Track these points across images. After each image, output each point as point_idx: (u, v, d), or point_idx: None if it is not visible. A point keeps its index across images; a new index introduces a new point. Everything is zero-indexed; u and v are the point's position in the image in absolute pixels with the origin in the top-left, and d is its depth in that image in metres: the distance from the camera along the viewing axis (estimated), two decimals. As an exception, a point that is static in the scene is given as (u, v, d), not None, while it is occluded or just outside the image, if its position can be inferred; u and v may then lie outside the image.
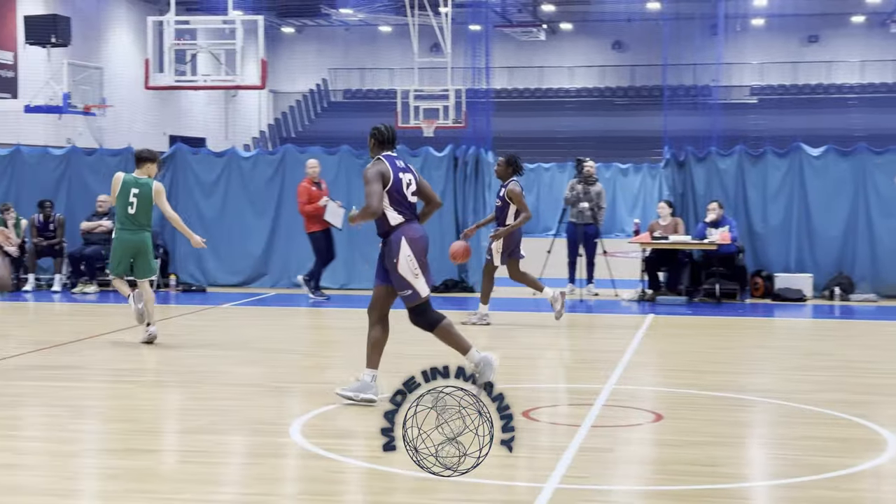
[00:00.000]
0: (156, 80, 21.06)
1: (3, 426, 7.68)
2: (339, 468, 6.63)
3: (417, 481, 6.27)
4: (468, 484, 6.20)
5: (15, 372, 9.87)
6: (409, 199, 8.20)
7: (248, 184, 17.14)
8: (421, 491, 6.09)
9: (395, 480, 6.32)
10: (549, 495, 5.98)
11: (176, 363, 10.39)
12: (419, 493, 6.07)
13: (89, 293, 15.99)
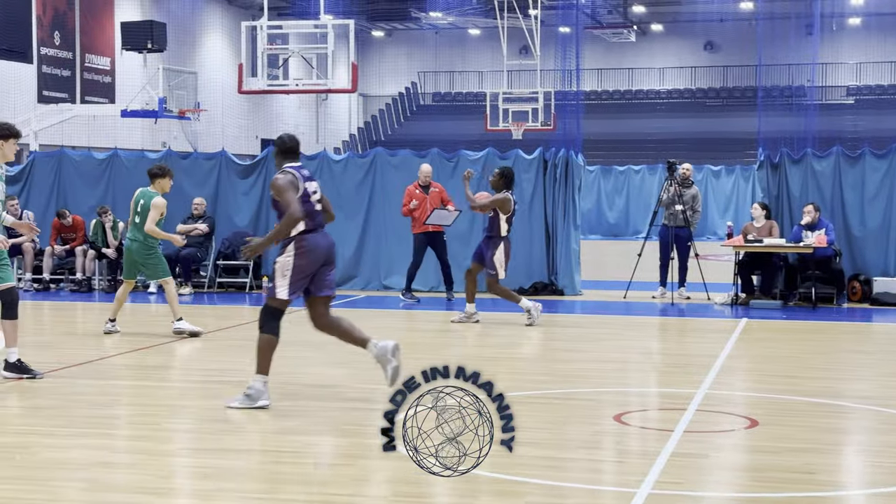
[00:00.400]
0: (249, 84, 21.38)
1: (101, 425, 7.83)
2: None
3: (505, 484, 6.25)
4: (557, 487, 6.16)
5: (112, 371, 10.07)
6: (315, 208, 8.40)
7: (338, 186, 17.26)
8: (507, 494, 6.07)
9: (481, 482, 6.31)
10: (642, 501, 5.91)
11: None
12: (506, 497, 6.05)
13: (184, 294, 16.25)
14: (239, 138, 40.35)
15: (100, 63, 34.61)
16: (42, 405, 8.43)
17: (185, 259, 16.44)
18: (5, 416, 8.02)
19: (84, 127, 30.54)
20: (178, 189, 17.40)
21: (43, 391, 8.98)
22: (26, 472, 6.47)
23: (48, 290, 16.68)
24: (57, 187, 17.79)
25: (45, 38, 32.17)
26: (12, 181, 17.90)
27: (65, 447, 7.11)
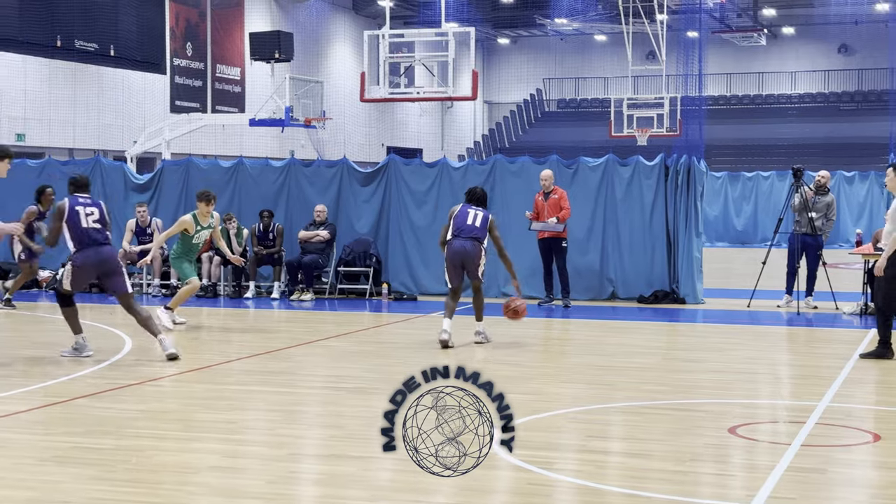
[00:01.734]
0: (371, 92, 21.59)
1: (220, 429, 7.95)
2: (539, 481, 6.56)
3: (620, 497, 6.15)
4: (664, 500, 6.03)
5: (233, 376, 10.24)
6: (86, 229, 10.67)
7: (458, 193, 17.23)
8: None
9: (595, 495, 6.21)
10: (753, 516, 5.75)
11: (384, 371, 10.55)
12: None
13: (305, 301, 16.47)
14: (364, 146, 40.80)
15: (230, 73, 35.41)
16: (160, 409, 8.61)
17: (306, 265, 16.66)
18: (123, 419, 8.21)
19: (213, 136, 31.24)
20: (300, 196, 17.70)
21: (162, 395, 9.18)
22: (140, 475, 6.61)
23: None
24: (185, 195, 18.20)
25: (178, 49, 33.05)
26: (142, 189, 18.42)
27: (180, 451, 7.24)
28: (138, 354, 11.36)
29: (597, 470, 6.87)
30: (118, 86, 30.81)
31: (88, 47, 29.34)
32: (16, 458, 7.04)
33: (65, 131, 28.77)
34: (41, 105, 28.08)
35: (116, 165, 19.08)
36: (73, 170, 18.88)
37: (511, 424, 5.05)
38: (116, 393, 9.17)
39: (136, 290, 17.34)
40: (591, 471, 6.84)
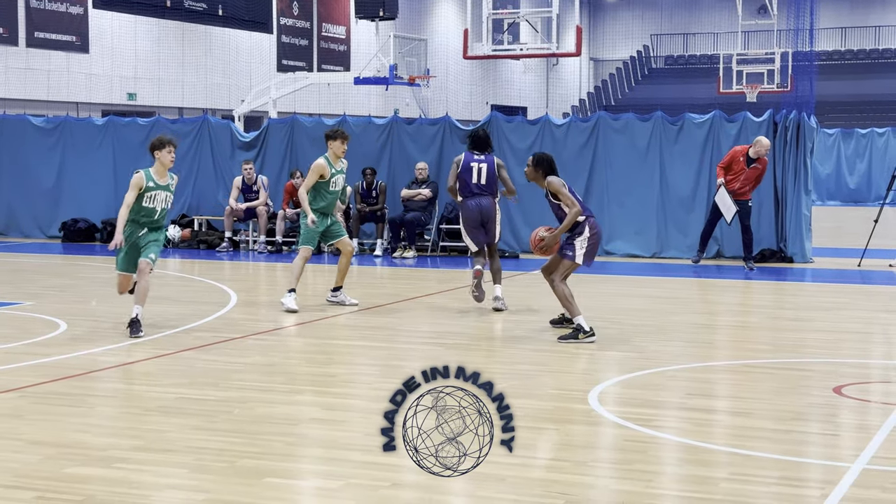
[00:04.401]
0: (474, 49, 21.50)
1: (321, 382, 8.06)
2: (637, 437, 6.51)
3: (720, 455, 6.08)
4: (765, 459, 5.94)
5: (335, 331, 10.36)
6: None
7: (560, 151, 17.11)
8: (710, 465, 5.90)
9: (694, 452, 6.15)
10: (856, 475, 5.63)
11: (483, 327, 10.57)
12: (706, 466, 5.88)
13: (408, 258, 16.56)
14: (468, 104, 40.71)
15: (335, 32, 35.59)
16: (263, 362, 8.75)
17: (409, 223, 16.73)
18: (227, 371, 8.37)
19: (318, 94, 31.48)
20: (403, 154, 17.75)
21: (265, 349, 9.33)
22: (240, 425, 6.73)
23: (280, 252, 17.30)
24: (289, 153, 18.40)
25: (285, 8, 33.31)
26: (248, 147, 18.67)
27: (281, 403, 7.36)
28: (243, 309, 11.55)
29: (696, 428, 6.79)
30: (226, 45, 31.20)
31: (197, 7, 29.74)
32: (124, 408, 7.23)
33: (174, 91, 29.27)
34: (151, 65, 28.59)
35: (223, 124, 19.35)
36: (181, 128, 19.24)
37: (511, 424, 5.02)
38: (222, 346, 9.35)
39: (243, 247, 17.68)
40: (690, 428, 6.77)
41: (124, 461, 5.88)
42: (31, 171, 19.83)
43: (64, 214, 19.42)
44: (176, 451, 6.11)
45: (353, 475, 5.73)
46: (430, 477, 5.78)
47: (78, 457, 5.98)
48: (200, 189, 18.86)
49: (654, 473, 5.87)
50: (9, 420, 6.82)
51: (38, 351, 8.95)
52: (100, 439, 6.33)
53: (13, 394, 7.49)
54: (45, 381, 7.87)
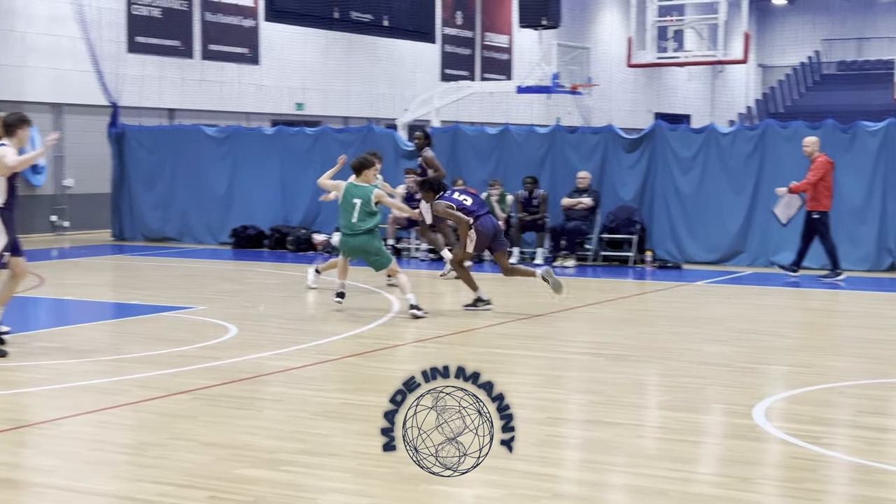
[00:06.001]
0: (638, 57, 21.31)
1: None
2: (805, 455, 6.34)
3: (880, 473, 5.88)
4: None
5: (494, 339, 10.40)
6: None
7: (726, 160, 16.85)
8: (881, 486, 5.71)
9: (866, 472, 5.96)
10: None
11: (645, 338, 10.46)
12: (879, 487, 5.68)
13: (568, 267, 16.50)
14: (631, 112, 40.32)
15: (498, 41, 35.75)
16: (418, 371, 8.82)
17: (570, 232, 16.68)
18: (390, 378, 8.47)
19: (480, 103, 31.64)
20: (564, 163, 17.70)
21: (427, 356, 9.43)
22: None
23: (441, 260, 17.41)
24: (452, 162, 18.56)
25: (448, 18, 33.63)
26: (411, 156, 18.90)
27: (442, 410, 7.42)
28: (404, 317, 11.70)
29: (869, 447, 6.57)
30: (391, 55, 31.67)
31: (363, 18, 30.29)
32: (291, 412, 7.41)
33: (340, 100, 29.86)
34: (319, 75, 29.23)
35: (387, 133, 19.65)
36: (346, 137, 19.63)
37: (511, 424, 5.00)
38: (385, 353, 9.49)
39: (405, 255, 17.91)
40: (862, 447, 6.56)
41: (291, 464, 6.03)
42: (204, 179, 20.51)
43: (234, 221, 20.01)
44: (340, 456, 6.23)
45: (514, 485, 5.74)
46: (591, 489, 5.76)
47: (247, 458, 6.16)
48: (365, 197, 19.17)
49: (825, 493, 5.72)
50: (183, 421, 7.08)
51: (210, 354, 9.25)
52: (268, 442, 6.51)
53: (187, 395, 7.77)
54: (217, 384, 8.13)
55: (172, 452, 6.29)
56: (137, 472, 5.94)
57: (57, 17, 22.12)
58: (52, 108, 22.32)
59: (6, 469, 5.95)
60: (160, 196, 20.92)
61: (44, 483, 5.75)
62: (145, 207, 21.07)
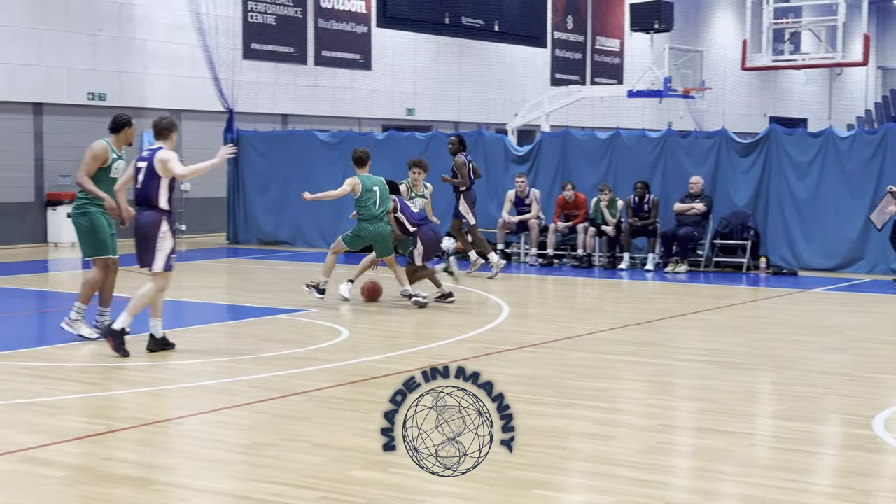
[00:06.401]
0: (753, 60, 20.99)
1: (592, 397, 8.05)
2: (922, 468, 6.18)
3: None
4: None
5: (604, 346, 10.33)
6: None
7: (844, 165, 16.48)
8: None
9: None
10: None
11: (758, 346, 10.29)
12: None
13: (680, 273, 16.32)
14: (745, 116, 39.68)
15: (609, 45, 35.54)
16: (533, 374, 8.84)
17: (682, 237, 16.49)
18: (501, 382, 8.45)
19: (591, 108, 31.49)
20: (676, 167, 17.51)
21: (536, 361, 9.42)
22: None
23: (551, 265, 17.42)
24: (562, 166, 18.51)
25: (559, 22, 33.55)
26: (521, 160, 18.91)
27: (552, 416, 7.41)
28: (514, 321, 11.71)
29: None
30: (501, 60, 31.70)
31: (474, 23, 30.38)
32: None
33: (450, 105, 29.99)
34: (429, 80, 29.41)
35: (497, 138, 19.68)
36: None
37: (511, 424, 4.94)
38: (495, 357, 9.51)
39: (515, 259, 17.89)
40: (984, 462, 6.35)
41: (400, 466, 6.08)
42: (316, 183, 20.72)
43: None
44: (449, 459, 6.26)
45: (622, 492, 5.70)
46: (702, 498, 5.69)
47: (358, 460, 6.23)
48: (474, 201, 19.21)
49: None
50: (297, 422, 7.19)
51: (322, 356, 9.38)
52: (378, 444, 6.56)
53: (300, 397, 7.89)
54: (329, 386, 8.24)
55: (285, 453, 6.39)
56: (252, 472, 6.05)
57: (176, 25, 22.67)
58: (170, 113, 22.88)
59: (128, 467, 6.12)
60: (273, 200, 21.27)
61: (164, 481, 5.90)
62: (259, 211, 21.45)
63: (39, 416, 7.33)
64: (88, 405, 7.78)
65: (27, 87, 20.46)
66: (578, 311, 13.69)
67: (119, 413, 7.50)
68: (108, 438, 6.71)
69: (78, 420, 7.28)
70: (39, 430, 6.90)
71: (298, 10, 25.69)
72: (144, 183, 9.42)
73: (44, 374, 8.70)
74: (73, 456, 6.34)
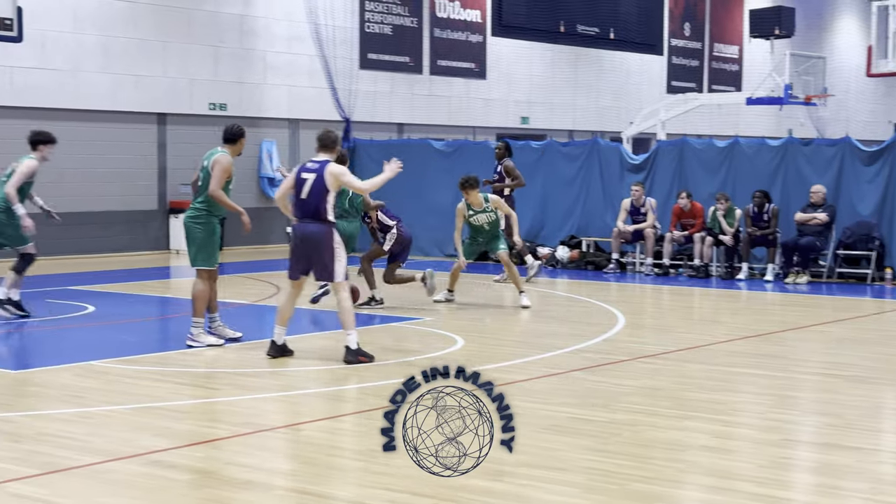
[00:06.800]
0: (878, 66, 20.47)
1: (711, 409, 7.92)
2: None
3: None
4: None
5: (722, 357, 10.16)
6: None
7: (975, 172, 15.96)
8: None
9: None
10: None
11: (886, 359, 10.02)
12: None
13: (801, 284, 15.98)
14: (869, 124, 38.72)
15: (727, 52, 35.05)
16: (653, 385, 8.74)
17: (803, 248, 16.14)
18: (616, 393, 8.43)
19: (708, 115, 31.07)
20: (797, 176, 17.14)
21: (653, 372, 9.32)
22: (631, 449, 6.75)
23: (667, 274, 17.21)
24: (678, 175, 18.29)
25: (676, 29, 33.21)
26: (637, 169, 18.73)
27: (670, 428, 7.32)
28: (630, 331, 11.60)
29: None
30: (617, 68, 31.49)
31: (590, 31, 30.24)
32: (517, 424, 7.43)
33: (565, 114, 29.89)
34: (544, 89, 29.35)
35: (613, 146, 19.54)
36: (572, 151, 19.64)
37: (511, 424, 4.90)
38: (610, 368, 9.44)
39: (630, 269, 17.73)
40: None
41: (516, 476, 6.07)
42: (430, 192, 20.89)
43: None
44: (568, 470, 6.23)
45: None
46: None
47: (477, 468, 6.22)
48: (589, 210, 19.13)
49: None
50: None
51: (438, 364, 9.38)
52: (493, 453, 6.55)
53: (416, 404, 7.92)
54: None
55: (401, 460, 6.42)
56: (370, 479, 6.10)
57: (295, 36, 23.04)
58: (289, 123, 23.26)
59: (248, 471, 6.23)
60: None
61: (284, 486, 5.98)
62: (374, 219, 21.62)
63: (164, 419, 7.51)
64: (211, 410, 7.94)
65: (151, 98, 21.00)
66: (695, 321, 13.51)
67: (240, 418, 7.63)
68: (231, 443, 6.84)
69: (201, 424, 7.44)
70: (164, 433, 7.06)
71: (414, 19, 25.89)
72: (313, 195, 9.39)
73: (168, 379, 8.92)
74: (197, 460, 6.47)
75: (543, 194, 19.58)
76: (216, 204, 10.17)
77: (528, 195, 19.37)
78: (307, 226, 9.47)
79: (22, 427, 7.23)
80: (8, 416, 7.53)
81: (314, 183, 9.43)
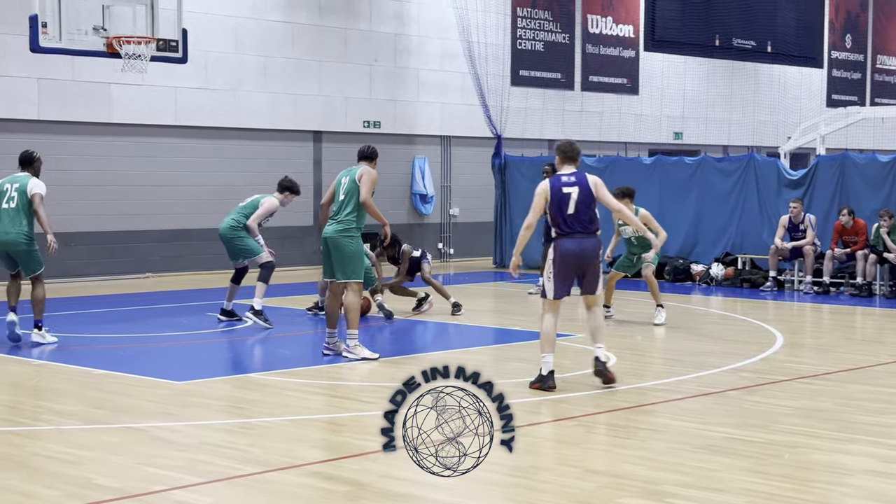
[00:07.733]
0: None
1: (876, 432, 7.66)
2: None
3: None
4: None
5: (887, 379, 9.82)
6: None
7: None
8: None
9: None
10: None
11: None
12: None
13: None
14: None
15: (891, 64, 33.98)
16: (814, 407, 8.50)
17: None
18: (775, 413, 8.22)
19: (871, 129, 30.12)
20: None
21: (813, 393, 9.07)
22: (792, 471, 6.58)
23: (828, 293, 16.73)
24: (839, 190, 17.77)
25: (836, 41, 32.36)
26: (795, 185, 18.27)
27: (833, 451, 7.11)
28: (789, 351, 11.31)
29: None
30: (774, 82, 30.83)
31: (746, 45, 29.69)
32: (673, 444, 7.34)
33: (720, 129, 29.37)
34: (698, 104, 28.92)
35: (770, 162, 19.12)
36: (727, 166, 19.27)
37: (511, 424, 4.87)
38: (769, 388, 9.22)
39: (788, 287, 17.29)
40: None
41: (675, 496, 5.98)
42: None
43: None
44: (726, 492, 6.10)
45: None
46: None
47: (630, 488, 6.16)
48: (745, 227, 18.74)
49: None
50: (567, 447, 7.20)
51: (590, 382, 9.30)
52: (650, 473, 6.48)
53: (571, 422, 7.89)
54: (599, 412, 8.20)
55: (559, 477, 6.40)
56: (528, 496, 6.09)
57: (448, 54, 23.25)
58: (441, 140, 23.47)
59: (404, 484, 6.28)
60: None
61: (439, 499, 6.01)
62: (526, 236, 21.61)
63: (321, 431, 7.65)
64: (366, 423, 8.05)
65: (308, 116, 21.46)
66: (857, 341, 13.09)
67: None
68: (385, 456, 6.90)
69: (356, 437, 7.54)
70: (322, 445, 7.19)
71: (566, 35, 25.84)
72: (583, 209, 9.02)
73: (324, 392, 9.08)
74: (353, 472, 6.56)
75: (697, 210, 19.28)
76: (363, 216, 10.38)
77: (680, 211, 19.12)
78: (584, 241, 9.04)
79: (186, 436, 7.46)
80: (172, 425, 7.78)
81: (581, 196, 9.00)
